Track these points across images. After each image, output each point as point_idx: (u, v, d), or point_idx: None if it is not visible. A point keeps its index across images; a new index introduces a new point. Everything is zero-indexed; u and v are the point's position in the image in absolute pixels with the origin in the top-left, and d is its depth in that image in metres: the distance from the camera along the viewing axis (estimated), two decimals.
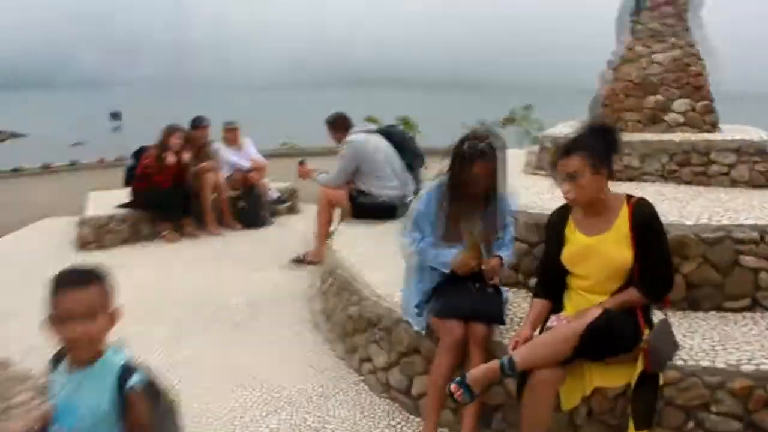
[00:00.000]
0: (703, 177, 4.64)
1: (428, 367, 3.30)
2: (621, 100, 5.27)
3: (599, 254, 2.75)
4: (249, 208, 7.67)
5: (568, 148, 2.74)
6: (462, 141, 3.14)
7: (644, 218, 2.72)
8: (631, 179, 4.82)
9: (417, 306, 3.35)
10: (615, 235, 2.75)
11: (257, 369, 3.94)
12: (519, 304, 3.65)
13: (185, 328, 4.58)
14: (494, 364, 2.71)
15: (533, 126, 14.67)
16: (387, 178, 5.84)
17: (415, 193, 6.23)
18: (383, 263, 4.42)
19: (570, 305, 2.90)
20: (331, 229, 5.99)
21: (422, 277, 3.36)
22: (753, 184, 4.53)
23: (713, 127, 5.02)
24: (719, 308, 3.43)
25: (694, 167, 4.66)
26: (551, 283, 2.93)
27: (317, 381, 3.79)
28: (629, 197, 2.81)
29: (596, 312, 2.62)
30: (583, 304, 2.82)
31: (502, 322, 3.17)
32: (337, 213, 6.18)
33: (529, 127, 14.70)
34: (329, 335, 4.38)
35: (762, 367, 2.77)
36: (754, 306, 3.45)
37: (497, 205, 3.21)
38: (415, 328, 3.38)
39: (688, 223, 3.51)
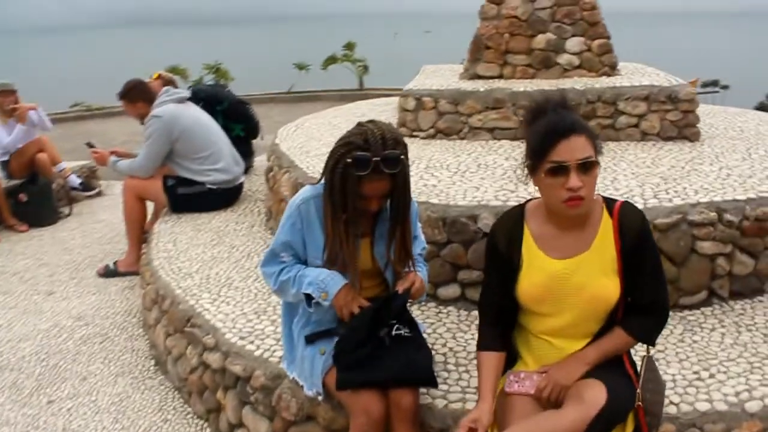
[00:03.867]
0: (611, 131, 4.25)
1: None
2: (506, 41, 4.71)
3: (576, 286, 2.11)
4: (33, 201, 6.23)
5: (571, 124, 2.03)
6: (344, 146, 2.31)
7: (635, 232, 2.11)
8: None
9: (307, 361, 2.55)
10: (597, 257, 2.11)
11: None
12: (430, 324, 3.01)
13: None
14: None
15: (357, 66, 14.16)
16: (211, 159, 4.83)
17: (246, 171, 5.36)
18: (228, 283, 3.64)
19: (529, 355, 2.26)
20: (148, 229, 4.94)
21: (310, 315, 2.57)
22: (665, 136, 4.22)
23: (612, 69, 4.64)
24: (675, 306, 3.04)
25: (601, 120, 4.24)
26: (503, 325, 2.26)
27: None
28: (607, 201, 2.17)
29: (598, 393, 1.98)
30: (551, 355, 2.20)
31: (435, 384, 2.46)
32: (152, 208, 5.13)
33: (352, 68, 14.17)
34: (180, 384, 3.45)
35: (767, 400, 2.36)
36: (710, 298, 3.10)
37: (401, 216, 2.45)
38: (307, 392, 2.59)
39: (636, 204, 3.01)
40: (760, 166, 3.58)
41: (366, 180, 2.27)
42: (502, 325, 2.25)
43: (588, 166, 1.99)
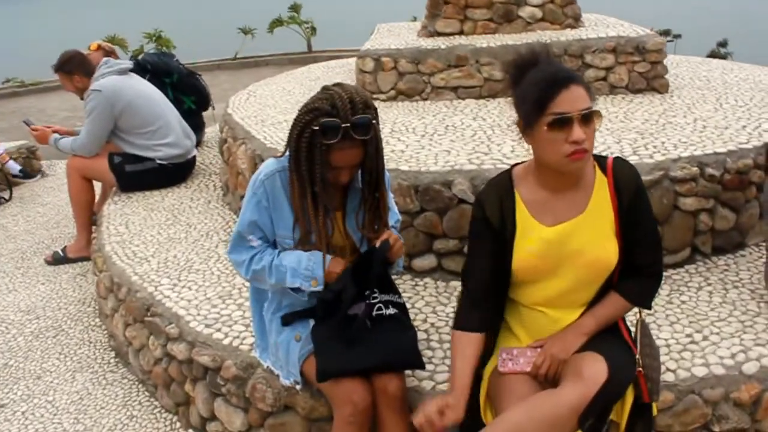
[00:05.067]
0: None
1: (311, 429, 2.45)
2: None
3: (574, 251, 1.97)
4: None
5: (569, 73, 1.87)
6: (309, 112, 2.10)
7: (632, 189, 1.97)
8: (493, 95, 4.16)
9: (282, 348, 2.39)
10: (594, 219, 1.98)
11: None
12: (408, 299, 2.88)
13: None
14: None
15: (304, 28, 13.78)
16: (159, 133, 4.54)
17: (198, 145, 5.10)
18: (187, 266, 3.43)
19: (520, 328, 2.13)
20: (97, 210, 4.67)
21: (281, 299, 2.40)
22: (633, 89, 4.12)
23: (576, 21, 4.50)
24: None
25: None
26: (487, 304, 2.10)
27: None
28: (598, 158, 2.03)
29: (599, 369, 1.85)
30: (545, 328, 2.07)
31: (422, 365, 2.31)
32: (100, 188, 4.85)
33: (300, 30, 13.78)
34: (144, 377, 3.25)
35: (764, 361, 2.29)
36: (693, 256, 3.03)
37: (375, 185, 2.27)
38: (284, 381, 2.43)
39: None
40: (733, 116, 3.50)
41: (336, 148, 2.08)
42: (487, 307, 2.10)
43: (589, 117, 1.84)
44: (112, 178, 4.58)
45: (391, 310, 2.25)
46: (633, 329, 2.12)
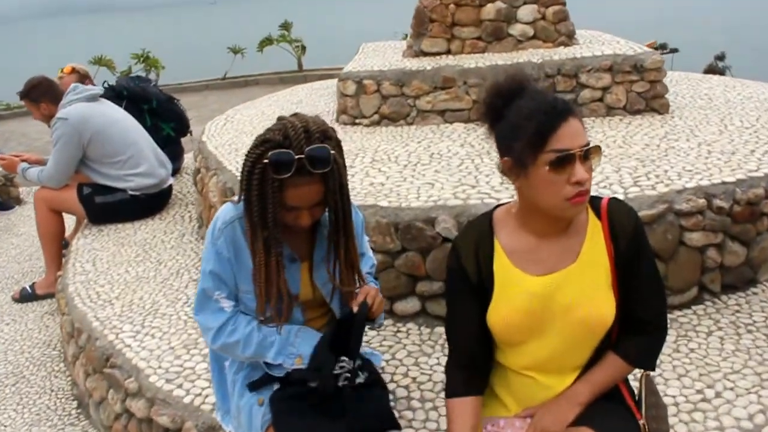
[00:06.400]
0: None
1: None
2: (452, 12, 4.29)
3: (564, 306, 1.71)
4: None
5: (566, 103, 1.61)
6: (260, 145, 1.84)
7: (629, 235, 1.71)
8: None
9: (244, 413, 2.12)
10: (587, 268, 1.72)
11: None
12: (388, 348, 2.62)
13: None
14: None
15: (294, 46, 13.62)
16: (130, 163, 4.29)
17: (176, 173, 4.85)
18: (153, 309, 3.18)
19: (507, 395, 1.86)
20: (71, 240, 4.42)
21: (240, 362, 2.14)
22: (632, 110, 3.88)
23: (569, 38, 4.27)
24: None
25: (562, 95, 3.81)
26: (478, 363, 1.85)
27: None
28: (592, 199, 1.77)
29: None
30: (536, 394, 1.81)
31: (398, 426, 2.05)
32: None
33: (290, 49, 13.62)
34: (107, 423, 2.99)
35: None
36: (701, 295, 2.77)
37: (342, 228, 2.00)
38: None
39: (616, 195, 2.65)
40: (740, 139, 3.26)
41: (290, 185, 1.80)
42: (476, 366, 1.84)
43: (589, 154, 1.60)
44: (82, 210, 4.34)
45: (361, 378, 1.99)
46: (637, 386, 1.87)
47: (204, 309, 2.04)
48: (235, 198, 2.04)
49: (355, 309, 1.96)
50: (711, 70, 10.09)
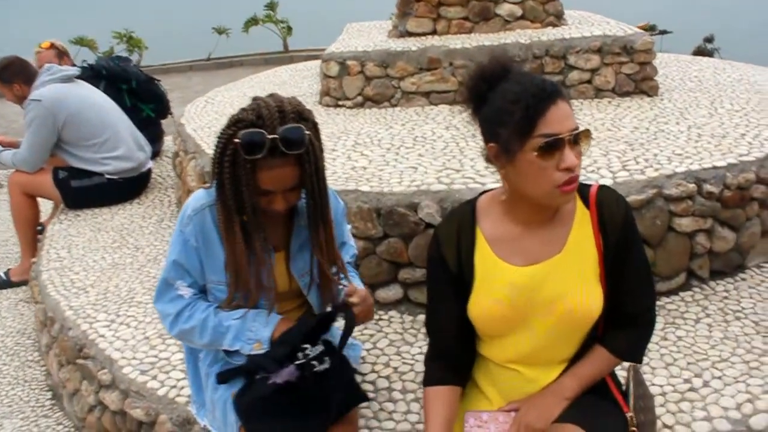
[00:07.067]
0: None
1: None
2: None
3: (548, 298, 1.65)
4: None
5: (554, 85, 1.53)
6: (232, 126, 1.75)
7: (619, 224, 1.65)
8: None
9: (219, 407, 2.05)
10: (573, 259, 1.65)
11: None
12: (369, 336, 2.56)
13: None
14: None
15: (280, 27, 13.43)
16: (107, 145, 4.18)
17: (155, 156, 4.75)
18: (129, 297, 3.10)
19: (491, 388, 1.80)
20: (47, 224, 4.31)
21: (216, 352, 2.07)
22: (621, 92, 3.82)
23: (558, 19, 4.19)
24: None
25: (550, 76, 3.77)
26: (457, 352, 1.79)
27: None
28: (580, 187, 1.70)
29: None
30: (520, 387, 1.75)
31: (366, 397, 2.01)
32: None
33: (275, 29, 13.43)
34: (79, 424, 2.92)
35: None
36: (688, 281, 2.72)
37: (320, 213, 1.92)
38: None
39: (604, 179, 2.59)
40: (730, 122, 3.21)
41: (263, 167, 1.72)
42: (456, 357, 1.78)
43: (578, 138, 1.53)
44: (58, 195, 4.23)
45: (326, 364, 1.90)
46: (624, 376, 1.82)
47: (163, 296, 1.99)
48: (208, 184, 1.96)
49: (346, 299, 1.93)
50: (700, 51, 10.00)
